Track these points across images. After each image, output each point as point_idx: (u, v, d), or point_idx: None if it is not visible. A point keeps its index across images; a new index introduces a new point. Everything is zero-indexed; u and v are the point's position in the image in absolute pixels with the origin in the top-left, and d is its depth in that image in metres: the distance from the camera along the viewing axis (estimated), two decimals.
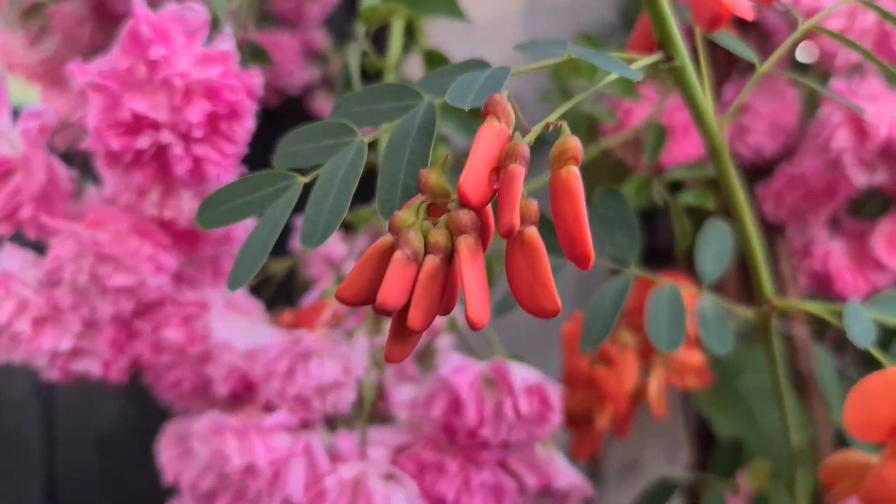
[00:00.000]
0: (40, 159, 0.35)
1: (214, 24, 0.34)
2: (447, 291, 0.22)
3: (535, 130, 0.23)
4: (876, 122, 0.42)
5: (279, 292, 0.42)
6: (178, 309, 0.37)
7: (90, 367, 0.38)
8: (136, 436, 1.01)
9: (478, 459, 0.36)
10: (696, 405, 0.55)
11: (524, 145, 0.21)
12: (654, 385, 0.41)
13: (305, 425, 0.35)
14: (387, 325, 0.43)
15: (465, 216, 0.21)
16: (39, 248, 0.39)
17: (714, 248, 0.38)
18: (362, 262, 0.21)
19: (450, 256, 0.21)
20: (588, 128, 0.54)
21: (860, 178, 0.45)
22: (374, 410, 0.38)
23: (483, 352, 0.38)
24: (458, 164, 0.22)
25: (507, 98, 0.22)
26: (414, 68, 0.49)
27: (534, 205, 0.21)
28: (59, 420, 0.93)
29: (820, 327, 0.63)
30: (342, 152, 0.25)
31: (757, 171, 0.54)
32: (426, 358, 0.46)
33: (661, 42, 0.29)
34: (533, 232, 0.21)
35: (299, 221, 0.48)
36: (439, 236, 0.21)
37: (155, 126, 0.32)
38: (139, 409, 0.95)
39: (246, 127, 0.33)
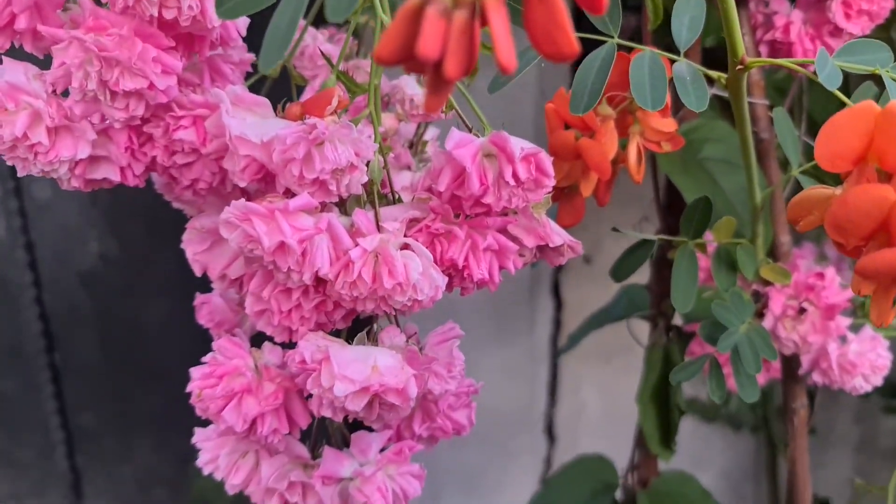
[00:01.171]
0: None
1: None
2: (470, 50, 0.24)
3: None
4: None
5: (274, 94, 0.44)
6: (186, 111, 0.38)
7: (108, 173, 0.39)
8: (117, 272, 1.04)
9: (482, 226, 0.40)
10: (666, 174, 0.59)
11: None
12: (633, 152, 0.44)
13: (323, 209, 0.38)
14: (385, 117, 0.45)
15: None
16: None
17: (689, 13, 0.40)
18: (394, 26, 0.23)
19: (473, 13, 0.23)
20: None
21: None
22: (380, 193, 0.41)
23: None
24: None
25: None
26: None
27: None
28: (44, 265, 0.96)
29: (775, 102, 0.67)
30: None
31: None
32: (418, 146, 0.49)
33: None
34: None
35: None
36: None
37: None
38: (116, 248, 0.98)
39: None
